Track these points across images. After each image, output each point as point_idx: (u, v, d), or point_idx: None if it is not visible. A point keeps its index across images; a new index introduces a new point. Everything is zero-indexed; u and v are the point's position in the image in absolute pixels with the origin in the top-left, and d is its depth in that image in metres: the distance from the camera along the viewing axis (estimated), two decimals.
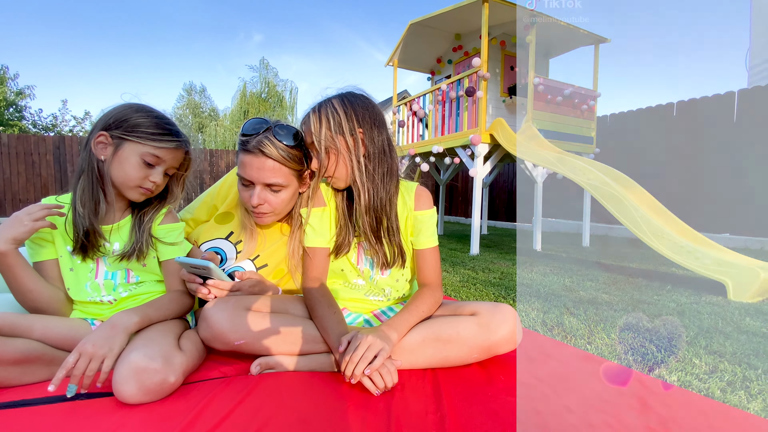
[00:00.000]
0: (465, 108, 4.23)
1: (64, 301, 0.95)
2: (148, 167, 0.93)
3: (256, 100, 16.55)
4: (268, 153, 1.00)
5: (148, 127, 0.92)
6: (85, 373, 0.74)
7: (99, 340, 0.77)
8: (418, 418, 0.73)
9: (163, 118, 0.96)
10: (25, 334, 0.82)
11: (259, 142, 1.00)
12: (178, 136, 0.97)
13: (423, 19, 4.92)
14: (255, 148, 1.00)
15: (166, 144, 0.94)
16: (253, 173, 1.02)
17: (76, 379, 0.74)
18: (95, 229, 0.92)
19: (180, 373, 0.79)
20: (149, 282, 1.02)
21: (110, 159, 0.92)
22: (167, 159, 0.95)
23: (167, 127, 0.95)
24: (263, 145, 1.00)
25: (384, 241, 1.04)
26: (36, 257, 0.94)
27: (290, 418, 0.72)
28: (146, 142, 0.91)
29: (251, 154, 1.01)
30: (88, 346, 0.76)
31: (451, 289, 2.35)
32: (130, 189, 0.94)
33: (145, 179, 0.93)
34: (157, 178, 0.94)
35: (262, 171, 1.02)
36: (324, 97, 1.04)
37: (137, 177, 0.92)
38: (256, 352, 0.91)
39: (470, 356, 0.94)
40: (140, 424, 0.69)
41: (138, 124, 0.91)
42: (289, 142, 1.03)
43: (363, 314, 1.12)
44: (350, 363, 0.81)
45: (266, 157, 1.01)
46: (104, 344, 0.77)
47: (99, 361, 0.76)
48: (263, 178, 1.02)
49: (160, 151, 0.93)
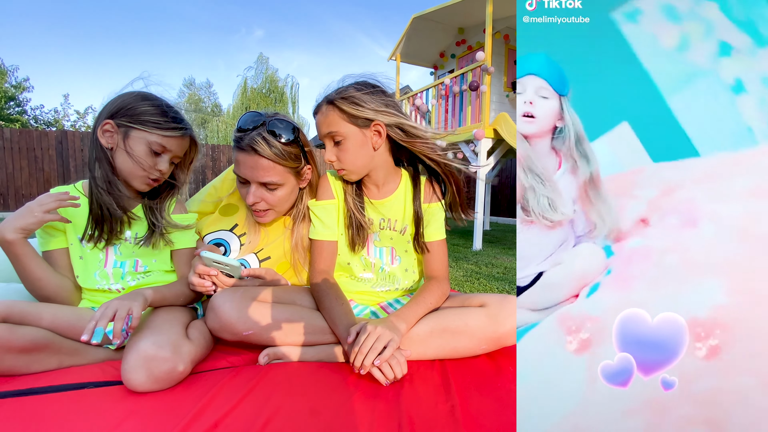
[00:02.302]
0: (468, 103, 4.21)
1: (72, 290, 0.95)
2: (155, 156, 0.92)
3: (258, 96, 16.52)
4: (261, 152, 0.97)
5: (154, 116, 0.91)
6: (117, 315, 0.75)
7: (121, 299, 0.79)
8: (428, 408, 0.73)
9: (168, 107, 0.95)
10: (34, 322, 0.81)
11: (252, 140, 0.97)
12: (184, 123, 0.96)
13: (426, 12, 4.90)
14: (248, 146, 0.97)
15: (173, 132, 0.93)
16: (247, 172, 1.00)
17: (105, 320, 0.73)
18: (121, 216, 0.93)
19: (189, 362, 0.79)
20: (158, 272, 1.01)
21: (117, 148, 0.91)
22: (173, 147, 0.94)
23: (173, 115, 0.94)
24: (256, 144, 0.97)
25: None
26: (46, 246, 0.94)
27: (300, 408, 0.72)
28: (153, 130, 0.90)
29: (244, 152, 0.98)
30: (113, 301, 0.77)
31: (455, 283, 2.35)
32: (137, 178, 0.93)
33: (152, 168, 0.92)
34: (163, 167, 0.94)
35: (256, 170, 0.99)
36: (339, 83, 1.01)
37: (145, 166, 0.91)
38: (263, 342, 0.91)
39: (479, 347, 0.94)
40: (149, 413, 0.69)
41: (144, 112, 0.90)
42: (286, 137, 0.99)
43: (370, 306, 1.12)
44: (359, 354, 0.80)
45: (259, 156, 0.97)
46: (127, 300, 0.79)
47: (126, 309, 0.76)
48: (257, 177, 1.00)
49: (166, 140, 0.92)
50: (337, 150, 0.99)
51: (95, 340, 0.72)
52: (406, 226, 1.09)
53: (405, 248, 1.12)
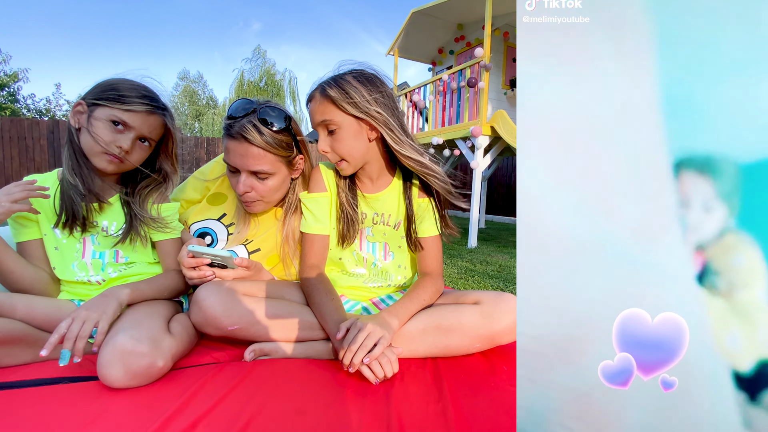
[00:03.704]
0: (466, 99, 4.18)
1: (48, 282, 0.91)
2: (116, 132, 0.87)
3: (254, 89, 16.38)
4: (251, 139, 0.93)
5: (120, 91, 0.87)
6: (79, 335, 0.71)
7: (92, 305, 0.76)
8: (419, 408, 0.70)
9: (141, 87, 0.90)
10: (8, 313, 0.77)
11: (242, 127, 0.93)
12: (152, 101, 0.91)
13: (425, 8, 4.85)
14: (238, 133, 0.93)
15: (137, 107, 0.87)
16: (237, 160, 0.96)
17: (69, 343, 0.70)
18: (87, 198, 0.88)
19: (169, 358, 0.76)
20: (140, 263, 0.98)
21: (82, 127, 0.87)
22: (136, 124, 0.88)
23: (142, 92, 0.89)
24: (246, 131, 0.93)
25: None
26: (19, 237, 0.90)
27: (285, 406, 0.69)
28: (115, 105, 0.86)
29: (234, 139, 0.94)
30: (81, 311, 0.74)
31: (449, 280, 2.33)
32: (96, 155, 0.87)
33: (111, 144, 0.86)
34: (124, 143, 0.87)
35: (246, 158, 0.95)
36: (334, 71, 0.97)
37: (103, 141, 0.86)
38: (250, 338, 0.88)
39: (472, 346, 0.91)
40: (126, 410, 0.65)
41: (111, 89, 0.87)
42: (278, 125, 0.96)
43: (361, 302, 1.09)
44: (349, 351, 0.77)
45: (249, 143, 0.93)
46: (97, 308, 0.75)
47: (92, 323, 0.73)
48: (247, 165, 0.96)
49: (127, 115, 0.87)
50: (331, 140, 0.95)
51: (62, 363, 0.70)
52: (400, 221, 1.06)
53: (399, 244, 1.09)
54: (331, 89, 0.91)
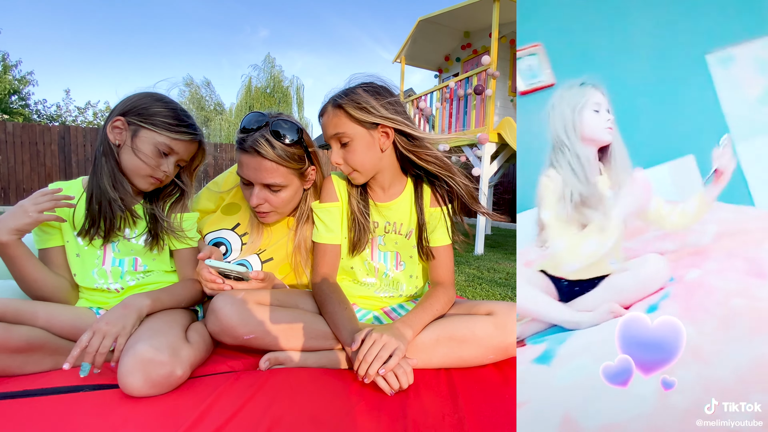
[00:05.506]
0: (473, 106, 4.20)
1: (69, 289, 0.92)
2: (161, 157, 0.91)
3: (261, 95, 16.50)
4: (264, 153, 0.95)
5: (166, 117, 0.90)
6: (98, 351, 0.73)
7: (112, 318, 0.77)
8: (435, 420, 0.70)
9: (181, 110, 0.94)
10: (30, 321, 0.79)
11: (255, 141, 0.95)
12: (194, 129, 0.96)
13: (432, 15, 4.89)
14: (251, 147, 0.95)
15: (182, 136, 0.92)
16: (251, 173, 0.98)
17: (90, 357, 0.73)
18: (123, 212, 0.92)
19: (187, 366, 0.77)
20: (158, 272, 0.99)
21: (124, 145, 0.90)
22: (181, 151, 0.94)
23: (184, 119, 0.93)
24: (259, 145, 0.95)
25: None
26: (42, 244, 0.92)
27: (301, 416, 0.70)
28: (163, 132, 0.90)
29: (247, 153, 0.97)
30: (102, 324, 0.75)
31: (457, 288, 2.32)
32: (141, 177, 0.92)
33: (157, 168, 0.91)
34: (168, 168, 0.93)
35: (259, 171, 0.97)
36: (346, 84, 0.99)
37: (150, 165, 0.90)
38: (265, 347, 0.88)
39: (486, 357, 0.91)
40: (146, 419, 0.66)
41: (156, 113, 0.90)
42: (290, 138, 0.97)
43: (373, 311, 1.09)
44: (364, 362, 0.78)
45: (262, 157, 0.95)
46: (117, 322, 0.77)
47: (112, 338, 0.75)
48: (261, 179, 0.98)
49: (175, 143, 0.92)
50: (344, 152, 0.96)
51: (82, 374, 0.76)
52: (412, 230, 1.07)
53: (410, 254, 1.09)
54: (343, 102, 0.93)
